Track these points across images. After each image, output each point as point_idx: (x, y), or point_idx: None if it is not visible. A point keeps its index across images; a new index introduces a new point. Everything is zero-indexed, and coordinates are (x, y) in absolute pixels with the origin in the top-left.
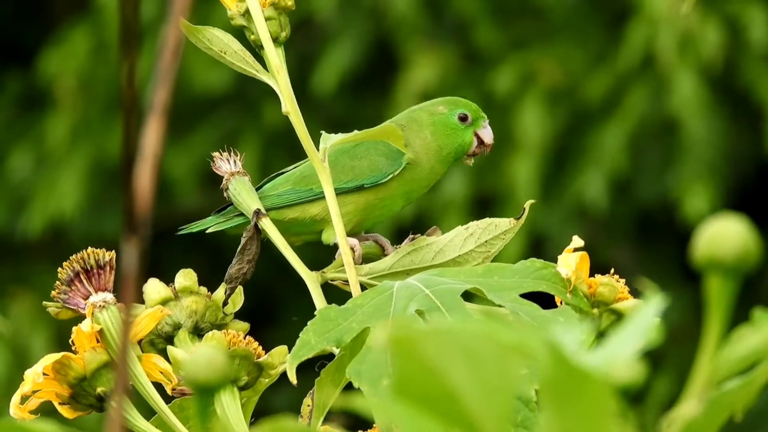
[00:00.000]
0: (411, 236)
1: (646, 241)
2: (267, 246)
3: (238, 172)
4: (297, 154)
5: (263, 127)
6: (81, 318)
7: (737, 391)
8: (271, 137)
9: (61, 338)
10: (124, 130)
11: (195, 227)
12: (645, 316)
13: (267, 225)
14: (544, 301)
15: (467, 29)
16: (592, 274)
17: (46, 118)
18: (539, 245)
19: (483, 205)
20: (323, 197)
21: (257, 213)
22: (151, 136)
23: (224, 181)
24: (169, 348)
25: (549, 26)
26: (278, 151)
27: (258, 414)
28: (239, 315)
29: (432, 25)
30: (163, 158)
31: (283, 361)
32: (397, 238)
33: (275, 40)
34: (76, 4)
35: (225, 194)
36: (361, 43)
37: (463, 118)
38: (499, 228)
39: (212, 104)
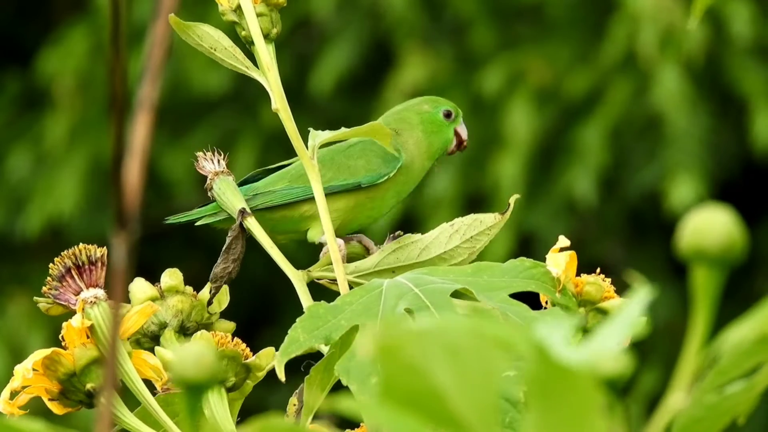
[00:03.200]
0: (392, 234)
1: (635, 236)
2: (261, 246)
3: (222, 171)
4: (294, 154)
5: (261, 128)
6: (72, 314)
7: (739, 395)
8: (268, 138)
9: (58, 338)
10: (114, 128)
11: (183, 217)
12: (631, 308)
13: (252, 224)
14: (531, 301)
15: (465, 30)
16: (582, 270)
17: (44, 118)
18: (527, 243)
19: (471, 203)
20: None
21: (242, 212)
22: (140, 131)
23: (208, 181)
24: (157, 349)
25: (541, 26)
26: (276, 152)
27: (252, 413)
28: (236, 315)
29: (430, 26)
30: (162, 159)
31: (271, 362)
32: (380, 239)
33: (266, 36)
34: (74, 4)
35: (209, 194)
36: (358, 43)
37: (447, 115)
38: (484, 224)
39: (210, 105)
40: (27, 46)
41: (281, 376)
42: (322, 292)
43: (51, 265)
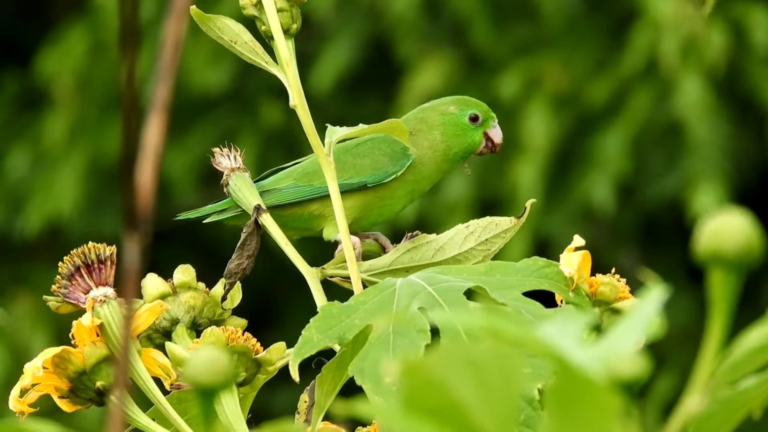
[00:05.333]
0: (410, 234)
1: (651, 243)
2: (267, 245)
3: (239, 167)
4: (295, 152)
5: (261, 126)
6: (81, 313)
7: (754, 390)
8: (268, 136)
9: (60, 338)
10: (124, 128)
11: (193, 214)
12: (645, 308)
13: (267, 221)
14: (546, 300)
15: (465, 31)
16: (595, 275)
17: (43, 118)
18: (544, 248)
19: (487, 208)
20: (323, 194)
21: (257, 209)
22: (153, 133)
23: (224, 177)
24: (168, 344)
25: (550, 31)
26: (276, 150)
27: (260, 413)
28: (238, 314)
29: (430, 26)
30: (162, 157)
31: (282, 357)
32: (398, 238)
33: (286, 32)
34: (73, 3)
35: (225, 190)
36: (358, 42)
37: (473, 119)
38: (500, 227)
39: (210, 103)
40: (26, 45)
41: (295, 376)
42: (334, 290)
43: (60, 263)
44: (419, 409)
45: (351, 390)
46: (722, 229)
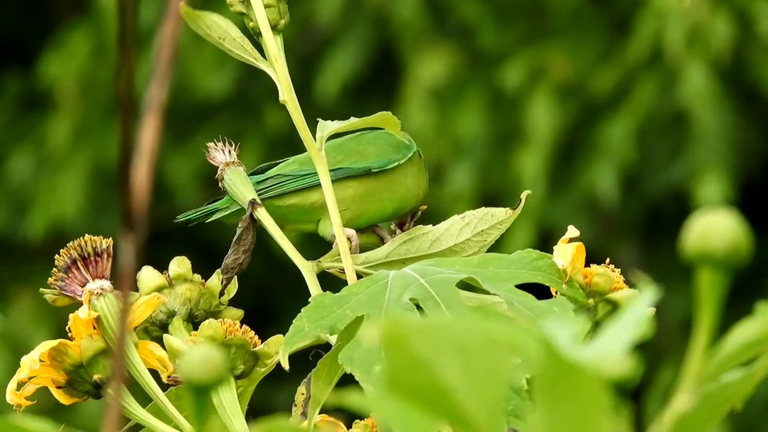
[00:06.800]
0: (400, 223)
1: (655, 233)
2: (265, 242)
3: (233, 162)
4: (301, 151)
5: (265, 130)
6: (78, 306)
7: (737, 384)
8: (273, 140)
9: (61, 336)
10: (122, 129)
11: (193, 215)
12: (637, 308)
13: (262, 215)
14: (540, 291)
15: (472, 34)
16: (590, 266)
17: (47, 121)
18: (548, 238)
19: (491, 199)
20: None
21: (253, 203)
22: (148, 133)
23: (219, 172)
24: (166, 336)
25: (555, 23)
26: (280, 154)
27: (259, 410)
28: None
29: (436, 30)
30: (165, 162)
31: (279, 350)
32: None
33: (274, 27)
34: (76, 6)
35: (220, 185)
36: (364, 48)
37: None
38: (496, 218)
39: (214, 108)
40: (29, 47)
41: (285, 365)
42: (332, 285)
43: (57, 256)
44: (401, 387)
45: (348, 384)
46: (709, 228)
